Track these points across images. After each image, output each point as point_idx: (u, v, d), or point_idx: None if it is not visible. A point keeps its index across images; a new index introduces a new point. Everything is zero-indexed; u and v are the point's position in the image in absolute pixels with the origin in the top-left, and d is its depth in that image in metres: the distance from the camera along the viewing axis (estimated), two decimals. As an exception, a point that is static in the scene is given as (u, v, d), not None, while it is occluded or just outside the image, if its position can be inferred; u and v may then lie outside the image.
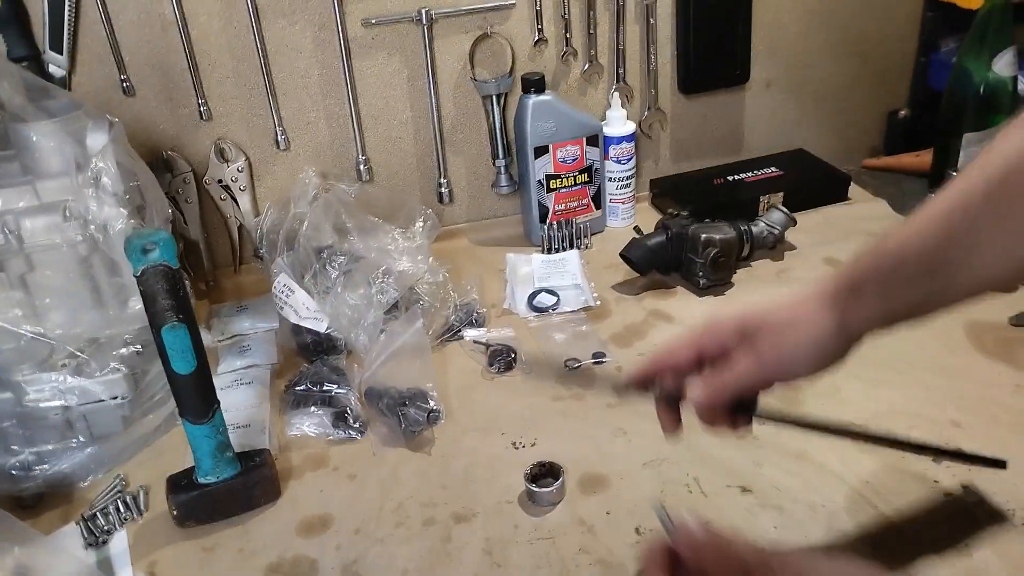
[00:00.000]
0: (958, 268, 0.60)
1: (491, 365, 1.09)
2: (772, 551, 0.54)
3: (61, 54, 1.10)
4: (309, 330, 1.10)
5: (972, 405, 0.94)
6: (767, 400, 0.70)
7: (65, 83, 1.12)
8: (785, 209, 1.26)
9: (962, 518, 0.79)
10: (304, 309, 1.10)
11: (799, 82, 1.46)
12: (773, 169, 1.42)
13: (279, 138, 1.26)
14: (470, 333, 1.15)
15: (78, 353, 0.92)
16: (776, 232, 1.25)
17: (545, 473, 0.88)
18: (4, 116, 0.92)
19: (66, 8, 1.08)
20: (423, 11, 1.22)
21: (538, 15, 1.27)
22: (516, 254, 1.31)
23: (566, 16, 1.29)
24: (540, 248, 1.35)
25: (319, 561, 0.82)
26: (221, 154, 1.24)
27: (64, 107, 0.95)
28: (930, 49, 1.47)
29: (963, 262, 0.59)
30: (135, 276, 0.77)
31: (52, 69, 1.11)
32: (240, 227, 1.29)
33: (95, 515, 0.88)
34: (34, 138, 0.90)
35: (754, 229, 1.24)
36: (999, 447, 0.80)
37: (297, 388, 1.04)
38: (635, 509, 0.84)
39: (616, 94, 1.33)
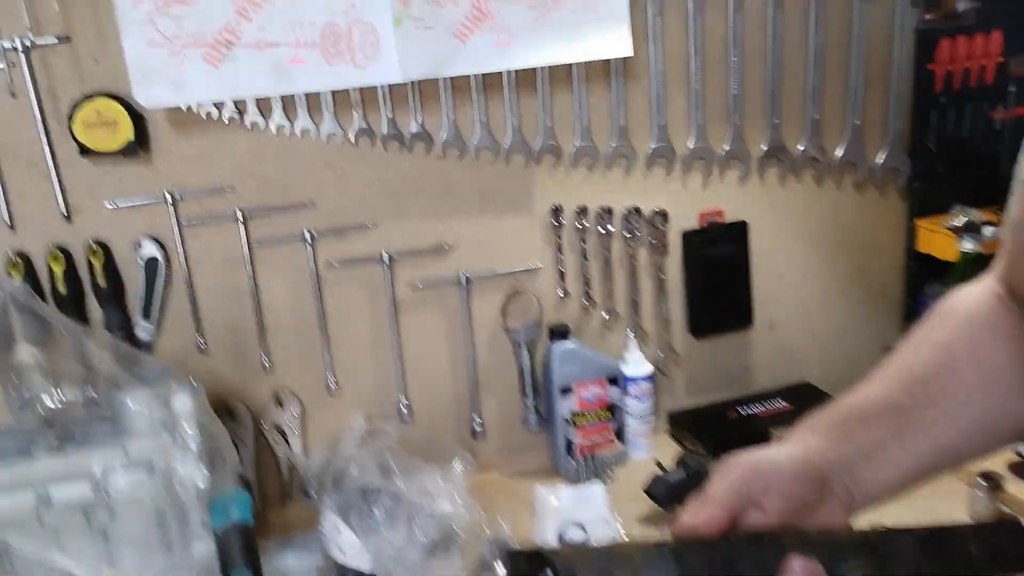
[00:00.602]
0: (918, 411, 0.69)
1: (524, 602, 1.14)
2: None
3: (150, 322, 1.28)
4: (354, 569, 1.18)
5: None
6: None
7: (151, 345, 1.28)
8: (795, 445, 1.35)
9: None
10: (350, 549, 1.18)
11: (799, 322, 1.60)
12: (782, 402, 1.54)
13: (330, 384, 1.40)
14: (502, 566, 1.21)
15: (147, 599, 1.00)
16: (788, 467, 1.34)
17: None
18: (100, 383, 1.07)
19: (158, 283, 1.27)
20: (462, 275, 1.40)
21: (562, 275, 1.45)
22: (545, 487, 1.40)
23: (586, 274, 1.46)
24: (567, 479, 1.44)
25: None
26: (278, 401, 1.38)
27: (153, 373, 1.10)
28: (915, 292, 1.62)
29: (923, 407, 0.69)
30: (215, 532, 0.87)
31: (140, 333, 1.28)
32: (291, 466, 1.40)
33: None
34: (128, 403, 1.04)
35: (768, 464, 1.32)
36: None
37: (341, 627, 1.10)
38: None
39: (633, 338, 1.48)
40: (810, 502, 0.64)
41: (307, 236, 1.32)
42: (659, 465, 1.36)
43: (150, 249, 1.26)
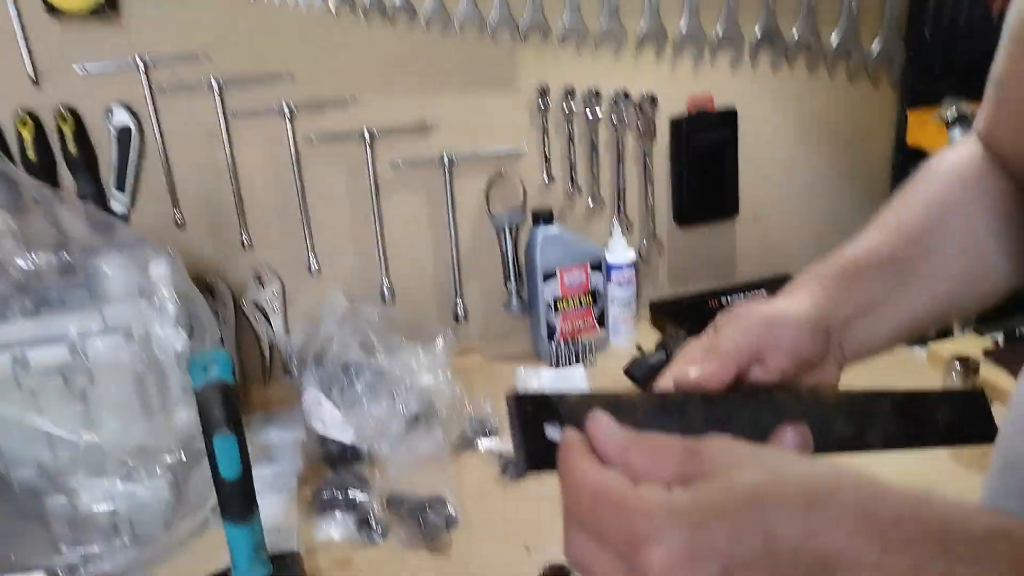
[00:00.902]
0: (913, 267, 0.66)
1: (504, 472, 1.17)
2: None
3: (124, 192, 1.25)
4: (335, 440, 1.19)
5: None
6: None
7: (126, 218, 1.26)
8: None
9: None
10: (331, 420, 1.20)
11: (784, 214, 1.60)
12: (763, 293, 1.54)
13: (311, 264, 1.39)
14: (484, 443, 1.23)
15: (128, 460, 1.01)
16: (767, 352, 1.35)
17: (557, 575, 0.95)
18: (74, 248, 1.05)
19: (131, 153, 1.23)
20: (445, 155, 1.37)
21: (547, 158, 1.43)
22: (527, 369, 1.42)
23: (572, 159, 1.44)
24: (548, 363, 1.45)
25: (345, 658, 0.88)
26: (258, 279, 1.37)
27: (128, 240, 1.08)
28: (901, 186, 1.61)
29: (918, 261, 0.67)
30: (195, 391, 0.87)
31: (115, 205, 1.25)
32: (271, 345, 1.40)
33: (134, 615, 0.94)
34: (104, 268, 1.03)
35: (746, 349, 1.34)
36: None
37: (323, 494, 1.12)
38: None
39: (617, 225, 1.47)
40: (813, 360, 0.60)
41: (285, 109, 1.28)
42: (639, 348, 1.37)
43: (122, 117, 1.22)
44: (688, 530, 0.37)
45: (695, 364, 0.55)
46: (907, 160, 1.59)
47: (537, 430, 0.45)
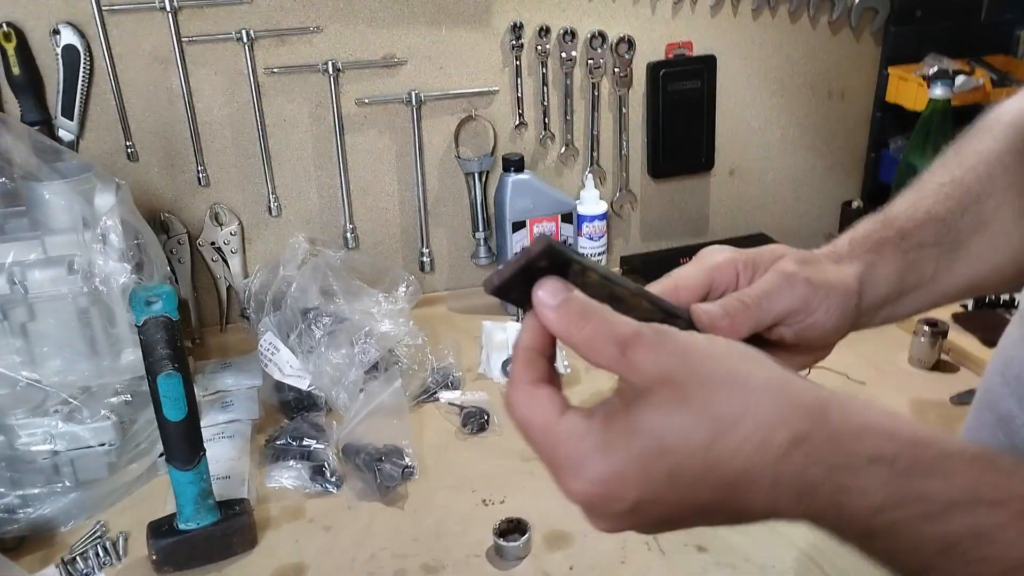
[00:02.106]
0: (966, 247, 0.60)
1: (464, 426, 1.14)
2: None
3: (72, 120, 1.18)
4: (291, 387, 1.15)
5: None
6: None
7: (74, 147, 1.19)
8: (745, 288, 1.35)
9: None
10: (288, 367, 1.15)
11: (760, 171, 1.56)
12: (736, 250, 1.52)
13: (271, 205, 1.33)
14: (446, 395, 1.20)
15: (71, 400, 0.96)
16: (737, 309, 1.33)
17: (513, 529, 0.93)
18: (16, 174, 0.99)
19: (79, 78, 1.16)
20: (413, 93, 1.31)
21: (519, 101, 1.38)
22: (492, 322, 1.38)
23: (545, 103, 1.39)
24: (515, 317, 1.42)
25: (293, 607, 0.85)
26: (216, 218, 1.31)
27: (74, 168, 1.02)
28: (880, 146, 1.59)
29: (970, 241, 0.60)
30: (137, 326, 0.83)
31: (62, 134, 1.18)
32: (229, 288, 1.35)
33: (75, 559, 0.91)
34: (45, 196, 0.97)
35: (716, 305, 1.32)
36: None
37: (277, 442, 1.09)
38: (597, 564, 0.89)
39: (590, 176, 1.43)
40: (837, 333, 0.57)
41: (243, 36, 1.21)
42: (608, 302, 1.34)
43: (69, 37, 1.14)
44: (602, 467, 0.40)
45: (725, 310, 0.51)
46: (886, 118, 1.56)
47: (532, 278, 0.43)
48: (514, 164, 1.35)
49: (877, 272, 0.58)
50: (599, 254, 1.45)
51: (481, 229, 1.43)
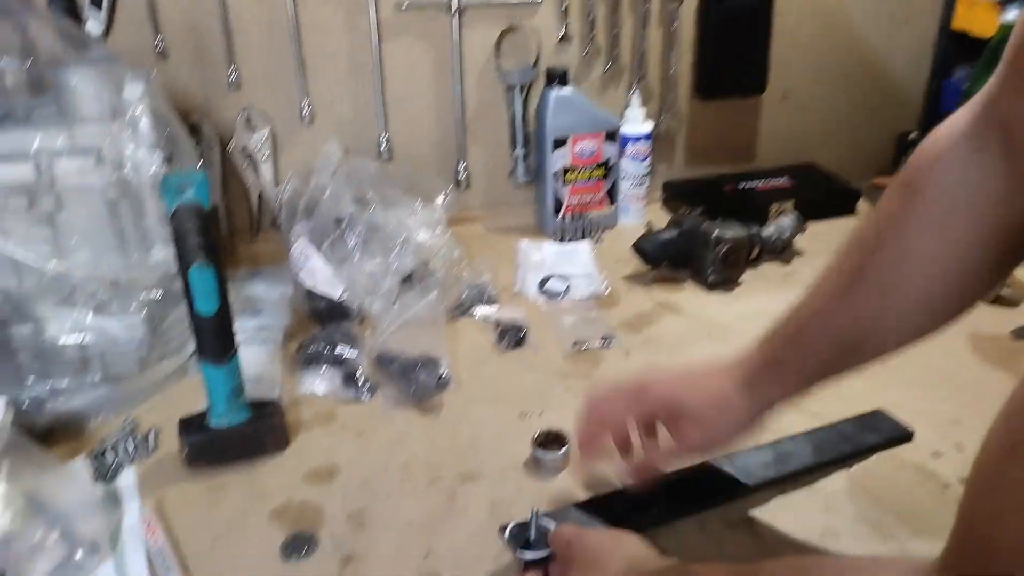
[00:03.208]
0: (862, 334, 0.66)
1: (500, 341, 1.10)
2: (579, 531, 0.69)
3: (100, 10, 1.13)
4: (323, 296, 1.12)
5: (970, 404, 0.95)
6: None
7: (101, 41, 1.14)
8: (796, 215, 1.29)
9: None
10: (320, 275, 1.12)
11: (814, 97, 1.49)
12: (784, 180, 1.45)
13: (304, 112, 1.29)
14: (481, 311, 1.17)
15: (100, 293, 0.93)
16: (785, 237, 1.28)
17: (552, 440, 0.89)
18: (42, 60, 0.95)
19: (110, -34, 1.11)
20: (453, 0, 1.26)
21: (565, 12, 1.31)
22: (529, 242, 1.34)
23: (592, 15, 1.32)
24: (553, 238, 1.37)
25: (325, 507, 0.83)
26: (247, 122, 1.27)
27: (102, 57, 0.98)
28: (942, 75, 1.50)
29: (865, 328, 0.66)
30: (168, 214, 0.79)
31: (90, 25, 1.14)
32: (260, 196, 1.31)
33: (104, 452, 0.89)
34: (73, 83, 0.92)
35: (764, 232, 1.26)
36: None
37: (309, 349, 1.06)
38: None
39: (636, 93, 1.36)
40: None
41: (282, -73, 1.16)
42: (649, 225, 1.29)
43: (98, -80, 1.09)
44: None
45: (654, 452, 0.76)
46: (951, 46, 1.48)
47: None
48: (558, 77, 1.29)
49: (774, 391, 0.71)
50: (642, 176, 1.40)
51: (520, 146, 1.38)
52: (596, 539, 0.69)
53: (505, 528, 0.75)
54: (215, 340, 0.84)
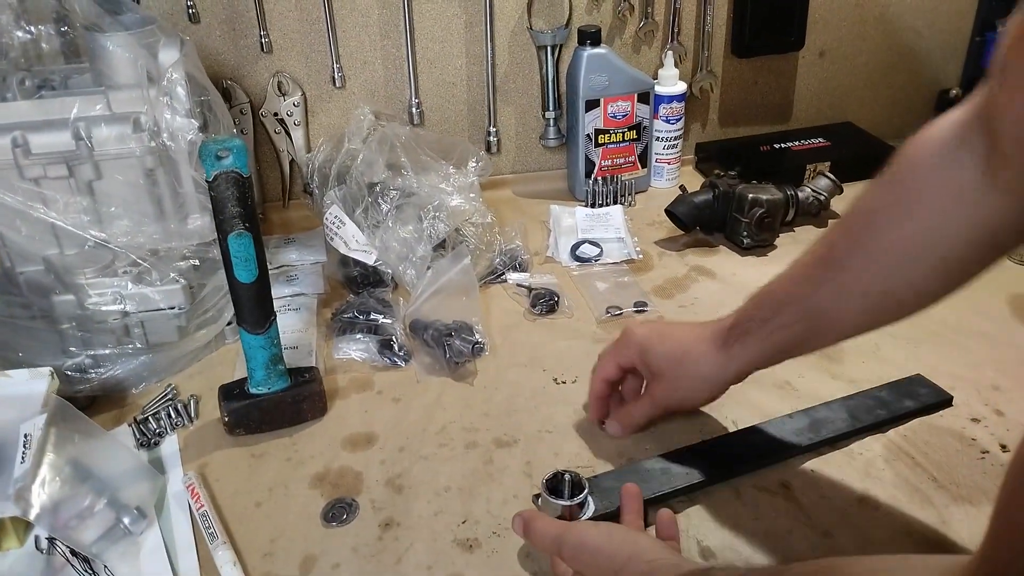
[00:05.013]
0: (829, 314, 0.70)
1: (534, 307, 1.10)
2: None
3: (132, -25, 1.12)
4: (357, 262, 1.12)
5: (1011, 370, 0.94)
6: None
7: (135, 5, 1.14)
8: (832, 176, 1.26)
9: None
10: (354, 241, 1.12)
11: (852, 54, 1.45)
12: (820, 140, 1.43)
13: (336, 76, 1.28)
14: (513, 277, 1.16)
15: (140, 262, 0.94)
16: (822, 199, 1.26)
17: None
18: (78, 24, 0.95)
19: (140, -70, 1.10)
20: (486, -44, 1.23)
21: (598, -32, 1.28)
22: (560, 206, 1.33)
23: (626, -29, 1.29)
24: (584, 203, 1.36)
25: (364, 473, 0.84)
26: (279, 87, 1.26)
27: (137, 21, 0.97)
28: (986, 29, 1.46)
29: (832, 309, 0.69)
30: (207, 181, 0.79)
31: (121, -10, 1.13)
32: (292, 162, 1.31)
33: (147, 419, 0.91)
34: (110, 48, 0.92)
35: (800, 194, 1.24)
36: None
37: (344, 316, 1.07)
38: (670, 442, 0.86)
39: (670, 53, 1.34)
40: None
41: None
42: (683, 188, 1.27)
43: None
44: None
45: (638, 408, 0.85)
46: (994, 8, 1.43)
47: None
48: (590, 37, 1.27)
49: (750, 359, 0.76)
50: (675, 138, 1.38)
51: (552, 108, 1.36)
52: (606, 539, 0.66)
53: (538, 496, 0.76)
54: (254, 308, 0.85)
